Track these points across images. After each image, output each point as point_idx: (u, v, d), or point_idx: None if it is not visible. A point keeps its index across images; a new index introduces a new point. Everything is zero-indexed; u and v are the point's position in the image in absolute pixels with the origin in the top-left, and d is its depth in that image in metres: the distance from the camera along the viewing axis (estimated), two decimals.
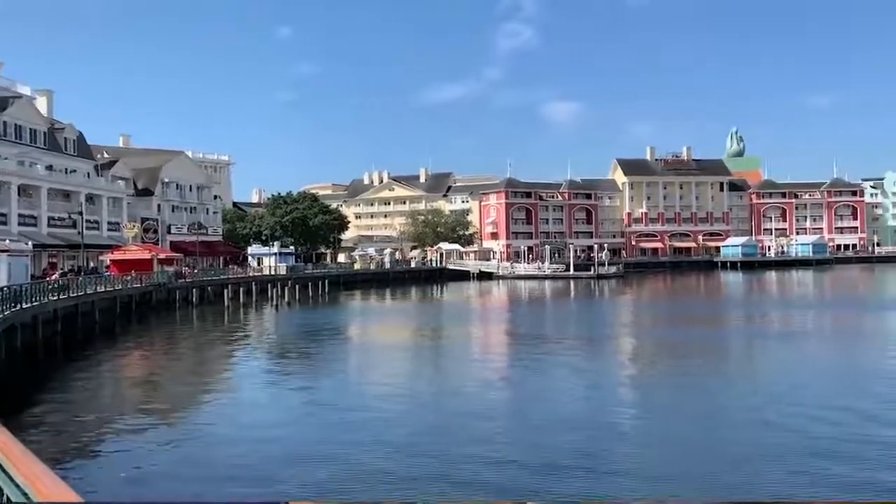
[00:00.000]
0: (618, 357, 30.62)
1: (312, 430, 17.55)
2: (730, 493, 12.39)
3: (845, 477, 12.95)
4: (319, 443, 16.10)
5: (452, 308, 60.24)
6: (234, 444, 16.10)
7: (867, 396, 20.03)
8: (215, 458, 15.12)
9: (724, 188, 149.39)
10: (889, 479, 12.79)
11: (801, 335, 36.00)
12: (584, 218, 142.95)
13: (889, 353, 28.80)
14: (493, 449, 15.28)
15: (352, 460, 14.47)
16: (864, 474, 13.09)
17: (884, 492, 12.20)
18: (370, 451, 15.10)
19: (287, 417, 19.18)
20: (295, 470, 14.01)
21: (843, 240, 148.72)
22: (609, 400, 20.98)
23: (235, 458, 14.91)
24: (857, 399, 19.63)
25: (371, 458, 14.64)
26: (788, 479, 12.97)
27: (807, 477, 13.06)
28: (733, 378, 24.79)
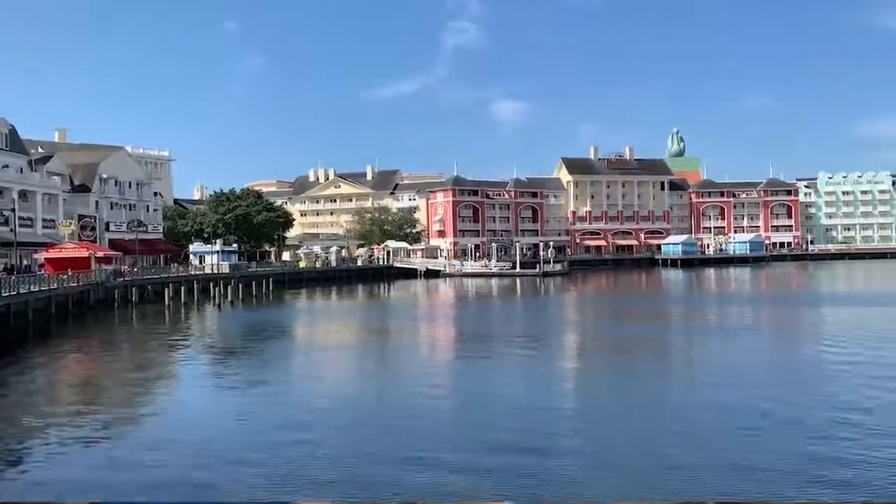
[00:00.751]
0: (563, 353, 31.04)
1: (251, 432, 17.28)
2: (671, 488, 12.70)
3: (784, 469, 13.41)
4: (258, 444, 15.88)
5: (399, 306, 60.16)
6: (169, 447, 15.73)
7: (800, 389, 20.76)
8: (147, 461, 14.73)
9: (665, 187, 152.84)
10: (827, 474, 13.28)
11: (738, 330, 37.08)
12: (531, 216, 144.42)
13: (822, 347, 29.88)
14: (436, 447, 15.32)
15: (293, 460, 14.34)
16: (804, 467, 13.58)
17: (820, 483, 12.67)
18: (311, 452, 14.99)
19: (226, 419, 18.87)
20: (230, 472, 13.82)
21: (779, 238, 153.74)
22: (553, 396, 21.24)
23: (169, 461, 14.60)
24: (790, 391, 20.34)
25: (312, 458, 14.53)
26: (728, 475, 13.36)
27: (743, 471, 13.48)
28: (674, 373, 25.43)
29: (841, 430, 15.85)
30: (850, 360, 25.70)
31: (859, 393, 19.90)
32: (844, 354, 27.03)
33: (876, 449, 14.34)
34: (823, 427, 16.22)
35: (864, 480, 12.60)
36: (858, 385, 20.98)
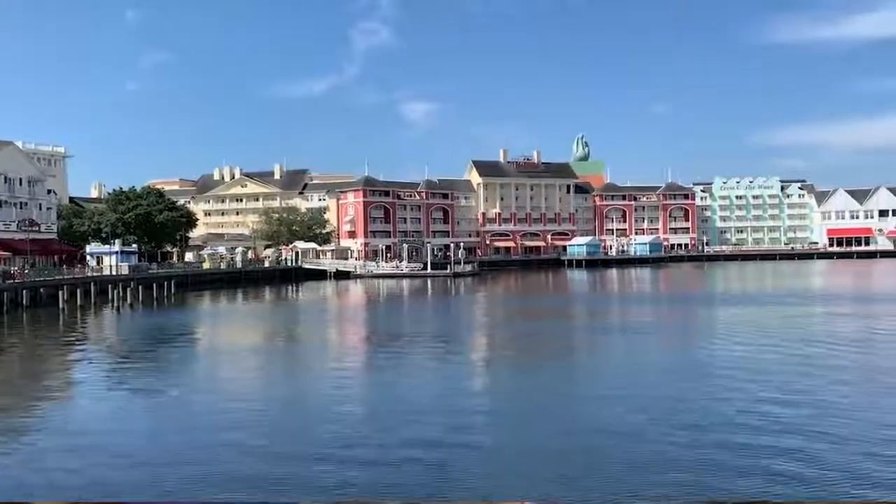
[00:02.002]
0: (472, 353, 31.46)
1: (149, 437, 16.81)
2: (579, 485, 13.15)
3: (683, 465, 14.11)
4: (154, 449, 15.48)
5: (308, 309, 59.42)
6: (62, 454, 15.10)
7: (687, 385, 21.85)
8: (38, 468, 14.10)
9: (570, 190, 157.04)
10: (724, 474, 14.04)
11: (637, 329, 38.58)
12: (442, 217, 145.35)
13: (715, 344, 31.51)
14: (343, 448, 15.31)
15: (192, 463, 14.03)
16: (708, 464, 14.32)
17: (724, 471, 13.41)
18: (212, 455, 14.71)
19: (124, 426, 18.24)
20: (126, 476, 13.43)
21: (677, 239, 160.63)
22: (462, 395, 21.52)
23: (60, 468, 14.02)
24: (678, 388, 21.39)
25: (213, 461, 14.26)
26: (631, 474, 13.94)
27: (637, 469, 14.11)
28: (576, 372, 26.24)
29: (732, 428, 16.81)
30: (742, 357, 27.24)
31: (748, 391, 21.12)
32: (736, 352, 28.64)
33: (762, 445, 15.30)
34: (705, 423, 17.16)
35: (752, 475, 13.43)
36: (749, 382, 22.27)
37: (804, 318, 40.61)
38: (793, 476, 12.99)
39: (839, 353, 27.31)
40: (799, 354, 27.14)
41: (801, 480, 12.78)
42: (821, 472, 13.22)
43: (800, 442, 15.15)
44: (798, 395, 19.93)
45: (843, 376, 22.69)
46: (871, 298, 54.40)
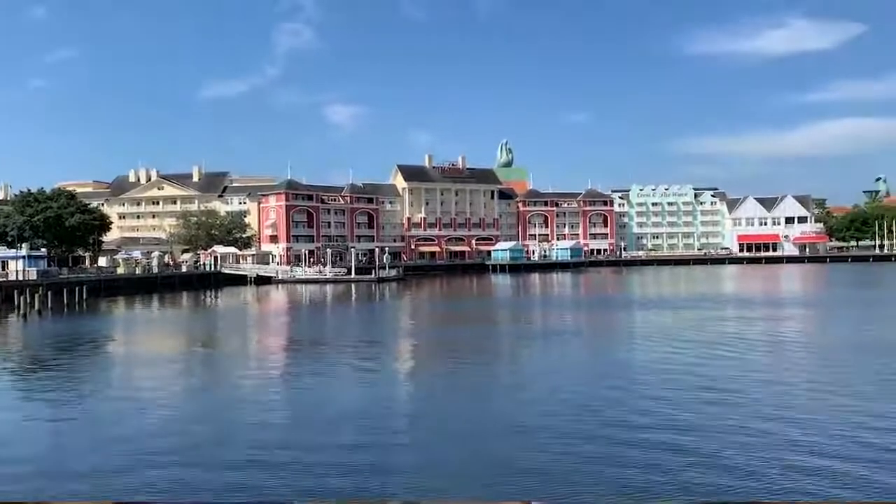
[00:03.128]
0: (397, 357, 31.34)
1: (53, 448, 16.03)
2: (498, 487, 13.25)
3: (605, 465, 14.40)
4: (57, 458, 14.79)
5: (227, 315, 58.03)
6: None
7: (604, 387, 22.39)
8: None
9: (495, 196, 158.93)
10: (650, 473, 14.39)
11: (558, 332, 39.28)
12: (366, 222, 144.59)
13: (633, 347, 32.40)
14: (262, 454, 15.00)
15: (95, 473, 13.48)
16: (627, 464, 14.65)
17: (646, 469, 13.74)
18: (119, 464, 14.17)
19: (30, 437, 17.34)
20: (27, 487, 12.78)
21: (596, 245, 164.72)
22: (386, 401, 21.41)
23: None
24: (597, 389, 21.90)
25: (120, 470, 13.74)
26: (554, 475, 14.14)
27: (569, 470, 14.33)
28: (500, 374, 26.50)
29: (641, 427, 17.31)
30: (658, 359, 28.09)
31: (661, 391, 21.80)
32: (652, 354, 29.52)
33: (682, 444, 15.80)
34: (621, 424, 17.63)
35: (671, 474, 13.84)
36: (662, 382, 22.98)
37: (716, 321, 42.22)
38: (690, 468, 13.47)
39: (747, 354, 28.51)
40: (710, 355, 28.19)
41: (701, 473, 13.26)
42: (712, 470, 13.74)
43: (706, 439, 15.74)
44: (707, 393, 20.67)
45: (749, 376, 23.66)
46: (778, 302, 57.01)
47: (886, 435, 15.96)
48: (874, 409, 18.52)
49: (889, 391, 20.87)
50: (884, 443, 15.35)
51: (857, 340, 32.01)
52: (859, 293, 66.41)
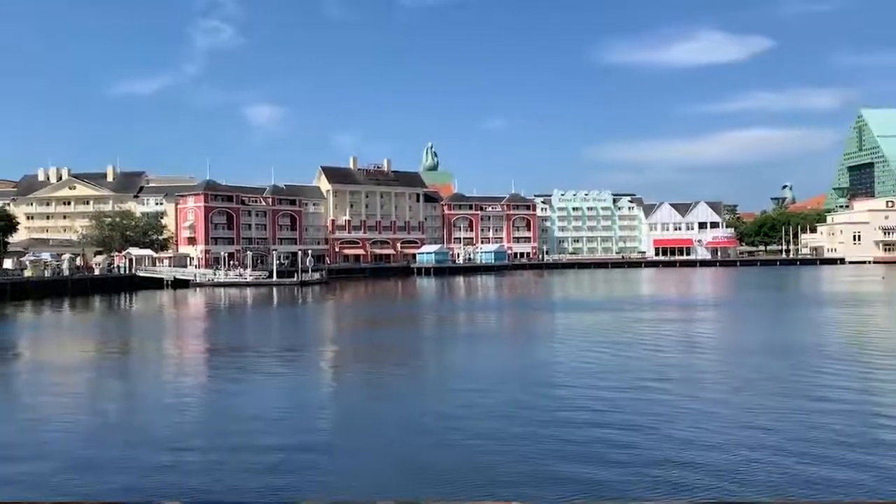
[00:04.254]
0: (320, 363, 31.01)
1: None
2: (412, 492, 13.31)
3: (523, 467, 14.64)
4: None
5: (142, 319, 56.14)
6: None
7: (530, 389, 22.81)
8: None
9: (420, 199, 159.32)
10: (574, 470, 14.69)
11: (482, 334, 39.73)
12: (289, 224, 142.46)
13: (553, 350, 33.05)
14: (171, 459, 14.64)
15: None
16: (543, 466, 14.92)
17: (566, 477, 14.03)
18: (40, 471, 13.57)
19: None
20: None
21: (519, 248, 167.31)
22: (307, 407, 21.17)
23: None
24: (520, 392, 22.28)
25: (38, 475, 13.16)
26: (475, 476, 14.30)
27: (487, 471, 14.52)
28: (423, 376, 26.59)
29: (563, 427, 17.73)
30: (578, 359, 28.77)
31: (583, 392, 22.35)
32: (570, 354, 30.20)
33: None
34: (546, 425, 18.02)
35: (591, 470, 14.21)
36: (586, 385, 23.56)
37: (633, 323, 43.51)
38: (613, 465, 13.91)
39: (663, 355, 29.52)
40: (627, 356, 29.05)
41: (623, 471, 13.70)
42: (625, 469, 14.23)
43: (626, 437, 16.26)
44: (625, 394, 21.33)
45: (666, 376, 24.51)
46: (691, 304, 59.20)
47: (772, 434, 16.82)
48: (771, 406, 19.49)
49: (784, 391, 21.98)
50: (776, 442, 16.18)
51: (762, 342, 33.59)
52: (766, 296, 69.71)
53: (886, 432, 16.72)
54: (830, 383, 22.58)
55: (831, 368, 25.28)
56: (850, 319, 44.95)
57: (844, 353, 29.42)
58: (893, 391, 22.22)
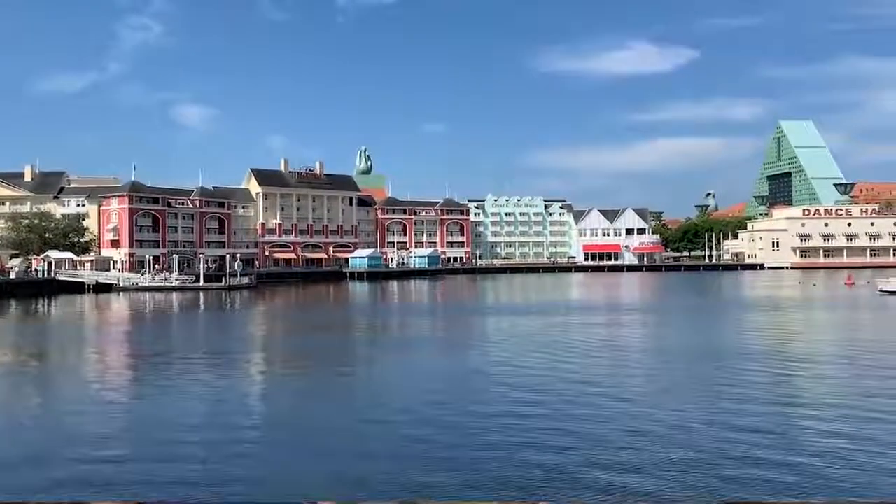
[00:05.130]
0: (247, 369, 30.36)
1: None
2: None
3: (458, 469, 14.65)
4: None
5: (62, 325, 53.88)
6: None
7: (460, 393, 22.90)
8: None
9: (353, 203, 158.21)
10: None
11: (413, 338, 39.66)
12: (217, 227, 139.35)
13: (483, 353, 33.27)
14: (89, 468, 14.09)
15: None
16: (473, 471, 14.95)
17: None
18: None
19: None
20: None
21: (453, 253, 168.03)
22: (235, 413, 20.69)
23: None
24: (449, 393, 22.35)
25: None
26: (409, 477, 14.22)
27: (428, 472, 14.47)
28: (356, 384, 26.35)
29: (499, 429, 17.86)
30: (508, 363, 29.02)
31: (513, 394, 22.57)
32: (504, 360, 30.46)
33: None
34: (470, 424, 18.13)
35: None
36: (515, 387, 23.78)
37: (563, 326, 44.20)
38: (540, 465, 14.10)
39: (592, 359, 30.09)
40: (556, 360, 29.48)
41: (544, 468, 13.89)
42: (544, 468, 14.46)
43: (554, 437, 16.50)
44: (553, 397, 21.64)
45: (594, 379, 24.97)
46: (617, 308, 60.55)
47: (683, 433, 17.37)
48: (692, 408, 20.11)
49: (707, 393, 22.70)
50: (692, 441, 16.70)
51: (687, 345, 34.64)
52: (691, 300, 71.97)
53: (805, 433, 17.46)
54: (752, 384, 23.45)
55: (752, 370, 26.27)
56: (769, 323, 46.80)
57: (764, 356, 30.59)
58: (809, 392, 23.21)
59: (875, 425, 17.88)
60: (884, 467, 14.51)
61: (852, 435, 16.94)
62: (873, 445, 16.01)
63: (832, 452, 15.49)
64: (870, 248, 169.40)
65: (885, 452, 15.47)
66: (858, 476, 13.98)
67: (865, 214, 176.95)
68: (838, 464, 14.71)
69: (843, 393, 22.42)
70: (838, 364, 28.14)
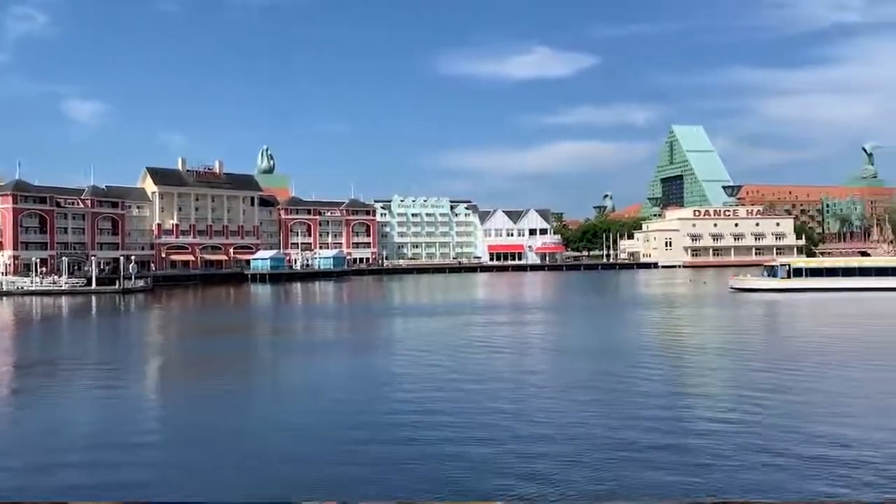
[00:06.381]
0: (141, 375, 29.23)
1: None
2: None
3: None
4: None
5: None
6: None
7: (366, 395, 22.87)
8: None
9: (255, 203, 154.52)
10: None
11: (316, 341, 39.23)
12: (110, 228, 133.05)
13: (390, 356, 33.28)
14: None
15: None
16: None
17: None
18: None
19: None
20: None
21: (359, 254, 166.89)
22: (129, 420, 19.90)
23: None
24: (352, 396, 22.30)
25: None
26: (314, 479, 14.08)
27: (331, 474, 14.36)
28: (257, 389, 25.83)
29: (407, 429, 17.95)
30: (409, 363, 29.17)
31: (420, 395, 22.71)
32: (408, 360, 30.57)
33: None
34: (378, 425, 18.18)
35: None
36: (422, 387, 23.94)
37: (468, 326, 44.79)
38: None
39: (496, 357, 30.65)
40: (462, 359, 29.88)
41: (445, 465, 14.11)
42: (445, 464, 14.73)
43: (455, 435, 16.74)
44: (458, 394, 21.94)
45: (499, 377, 25.47)
46: (521, 308, 61.87)
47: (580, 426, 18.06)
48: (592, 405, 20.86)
49: (606, 388, 23.60)
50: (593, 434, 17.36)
51: (587, 342, 35.82)
52: (590, 299, 74.38)
53: (697, 422, 18.43)
54: (649, 379, 24.52)
55: (649, 365, 27.45)
56: (663, 320, 49.01)
57: (660, 351, 32.02)
58: (703, 386, 24.48)
59: (754, 412, 19.08)
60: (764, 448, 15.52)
61: (737, 420, 18.03)
62: (753, 429, 17.10)
63: (719, 434, 16.45)
64: (755, 248, 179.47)
65: (761, 433, 16.55)
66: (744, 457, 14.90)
67: (751, 215, 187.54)
68: (728, 448, 15.64)
69: (720, 384, 23.79)
70: (712, 356, 29.82)
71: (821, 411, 19.45)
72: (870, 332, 39.25)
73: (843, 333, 38.31)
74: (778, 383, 23.29)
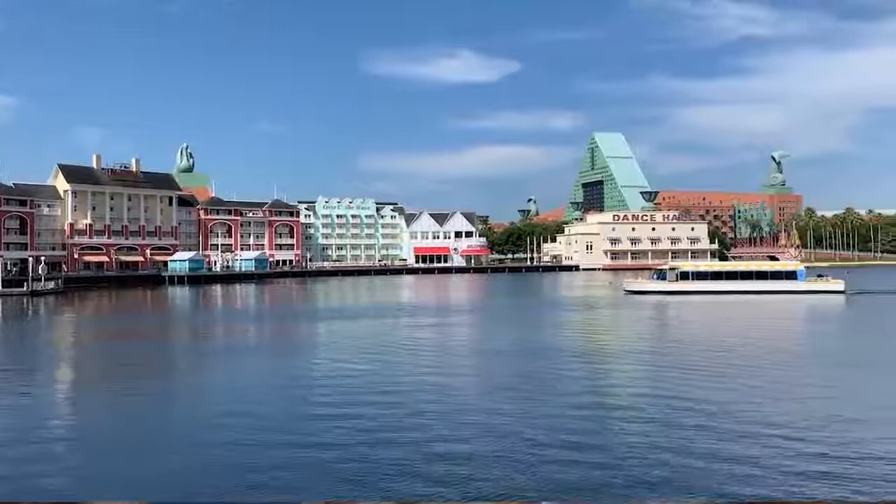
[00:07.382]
0: (48, 381, 27.98)
1: None
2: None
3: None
4: None
5: None
6: None
7: (285, 399, 22.61)
8: None
9: (173, 203, 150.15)
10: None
11: (233, 345, 38.45)
12: (18, 227, 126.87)
13: (311, 359, 32.93)
14: None
15: None
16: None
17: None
18: None
19: None
20: None
21: (282, 255, 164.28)
22: (39, 427, 19.06)
23: None
24: (275, 400, 22.00)
25: None
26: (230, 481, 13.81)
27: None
28: (171, 391, 25.14)
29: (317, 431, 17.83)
30: (333, 368, 28.95)
31: (345, 397, 22.59)
32: (332, 364, 30.33)
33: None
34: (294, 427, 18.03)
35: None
36: (334, 388, 23.79)
37: (392, 329, 44.75)
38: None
39: (421, 359, 30.76)
40: (385, 362, 29.86)
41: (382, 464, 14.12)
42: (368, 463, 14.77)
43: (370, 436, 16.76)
44: (384, 398, 21.94)
45: (424, 379, 25.59)
46: (448, 310, 62.21)
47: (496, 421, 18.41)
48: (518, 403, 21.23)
49: (530, 389, 24.04)
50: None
51: (511, 344, 36.34)
52: (514, 301, 75.43)
53: (618, 422, 18.98)
54: (571, 379, 25.09)
55: (571, 367, 28.09)
56: (583, 321, 50.18)
57: (581, 352, 32.79)
58: (622, 387, 25.21)
59: (667, 408, 19.83)
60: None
61: (650, 419, 18.68)
62: (667, 427, 17.76)
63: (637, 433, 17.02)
64: (671, 251, 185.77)
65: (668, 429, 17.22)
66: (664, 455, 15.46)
67: (667, 220, 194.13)
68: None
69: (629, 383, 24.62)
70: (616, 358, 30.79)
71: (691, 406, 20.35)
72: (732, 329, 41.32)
73: (714, 332, 40.22)
74: (660, 383, 24.25)
